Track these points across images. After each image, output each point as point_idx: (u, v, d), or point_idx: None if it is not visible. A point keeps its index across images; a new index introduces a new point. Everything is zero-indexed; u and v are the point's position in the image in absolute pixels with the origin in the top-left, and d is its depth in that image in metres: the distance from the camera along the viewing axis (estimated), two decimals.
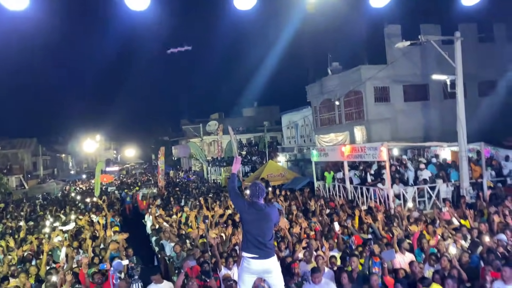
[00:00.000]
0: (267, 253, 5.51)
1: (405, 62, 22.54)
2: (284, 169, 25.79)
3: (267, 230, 5.58)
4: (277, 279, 5.67)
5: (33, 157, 56.56)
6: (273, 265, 5.59)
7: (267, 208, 5.67)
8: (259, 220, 5.52)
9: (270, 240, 5.60)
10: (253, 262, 5.44)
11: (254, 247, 5.44)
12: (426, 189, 16.01)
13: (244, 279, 5.64)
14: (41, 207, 23.89)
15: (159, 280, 7.92)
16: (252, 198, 5.66)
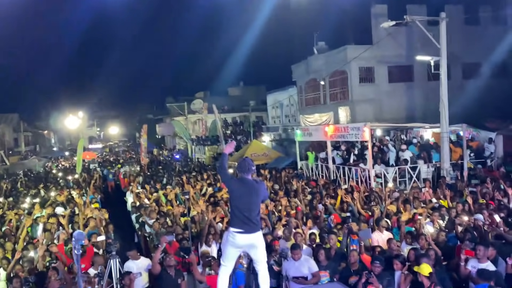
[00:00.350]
0: (253, 228, 5.54)
1: (391, 42, 22.47)
2: (268, 148, 25.79)
3: (254, 205, 5.60)
4: (261, 254, 5.71)
5: (15, 133, 55.68)
6: (258, 239, 5.61)
7: (255, 184, 5.68)
8: (247, 195, 5.54)
9: (257, 216, 5.64)
10: (238, 236, 5.48)
11: (241, 222, 5.48)
12: (407, 169, 16.17)
13: (228, 252, 5.67)
14: (21, 184, 23.59)
15: (135, 256, 7.88)
16: (241, 174, 5.67)
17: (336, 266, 7.86)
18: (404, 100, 23.39)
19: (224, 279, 5.66)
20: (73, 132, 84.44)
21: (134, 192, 15.41)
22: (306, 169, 20.20)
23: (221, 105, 50.30)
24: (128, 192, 16.97)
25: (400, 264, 7.21)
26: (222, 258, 5.78)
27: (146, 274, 7.80)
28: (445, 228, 9.21)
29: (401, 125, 18.63)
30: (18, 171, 35.09)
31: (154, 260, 7.46)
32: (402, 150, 16.83)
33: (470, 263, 7.21)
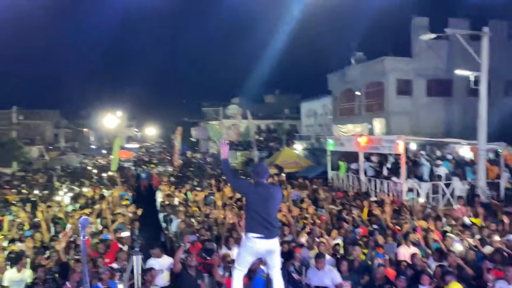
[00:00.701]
0: (273, 232, 5.42)
1: (431, 56, 22.07)
2: (299, 156, 25.65)
3: (272, 210, 5.50)
4: (277, 259, 5.62)
5: (55, 129, 57.44)
6: (276, 245, 5.52)
7: (272, 188, 5.60)
8: (265, 199, 5.42)
9: (275, 219, 5.54)
10: (258, 242, 5.33)
11: (261, 226, 5.33)
12: (441, 185, 15.73)
13: (244, 257, 5.54)
14: (58, 178, 24.26)
15: (158, 255, 7.95)
16: (257, 178, 5.58)
17: (358, 278, 7.73)
18: (442, 115, 22.86)
19: (239, 282, 5.58)
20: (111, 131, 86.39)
21: (163, 191, 15.59)
22: (337, 179, 19.94)
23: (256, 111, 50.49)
24: (158, 191, 17.18)
25: (428, 280, 7.02)
26: (237, 262, 5.67)
27: (167, 273, 7.86)
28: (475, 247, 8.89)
29: (437, 140, 18.16)
30: (56, 166, 36.18)
31: (176, 258, 7.52)
32: (437, 166, 16.38)
33: (498, 284, 6.96)
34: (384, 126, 23.06)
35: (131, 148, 64.77)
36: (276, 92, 63.74)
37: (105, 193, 15.47)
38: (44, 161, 45.21)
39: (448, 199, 15.42)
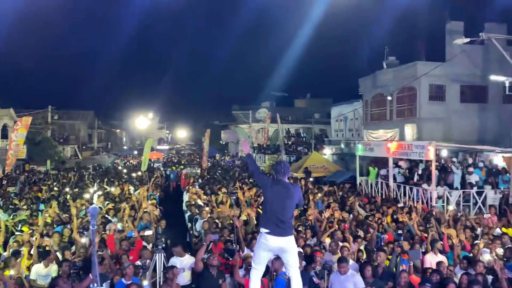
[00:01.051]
0: (285, 230, 5.42)
1: (465, 61, 21.55)
2: (328, 161, 25.44)
3: (288, 208, 5.50)
4: (292, 258, 5.58)
5: (89, 130, 58.67)
6: (289, 243, 5.49)
7: (291, 187, 5.59)
8: (282, 197, 5.45)
9: (290, 219, 5.52)
10: (270, 238, 5.37)
11: (273, 224, 5.38)
12: (472, 193, 15.34)
13: (259, 255, 5.57)
14: (88, 177, 24.79)
15: (180, 253, 7.99)
16: (277, 175, 5.58)
17: (382, 284, 7.57)
18: (476, 122, 22.26)
19: (256, 282, 5.56)
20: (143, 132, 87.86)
21: (191, 192, 15.70)
22: (366, 185, 19.69)
23: (286, 115, 50.40)
24: (185, 192, 17.33)
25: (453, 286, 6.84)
26: (253, 261, 5.68)
27: (189, 273, 7.89)
28: (504, 257, 8.61)
29: (469, 147, 17.70)
30: (88, 166, 37.00)
31: (197, 257, 7.54)
32: (469, 173, 15.97)
33: None
34: (416, 132, 22.60)
35: (162, 150, 65.81)
36: (307, 96, 63.52)
37: (132, 192, 15.66)
38: (77, 160, 46.31)
39: (479, 207, 15.03)
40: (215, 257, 7.73)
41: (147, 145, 29.55)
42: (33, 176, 25.71)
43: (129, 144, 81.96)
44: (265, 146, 37.70)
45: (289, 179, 6.01)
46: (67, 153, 49.38)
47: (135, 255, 8.54)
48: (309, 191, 17.19)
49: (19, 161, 31.64)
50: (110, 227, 9.60)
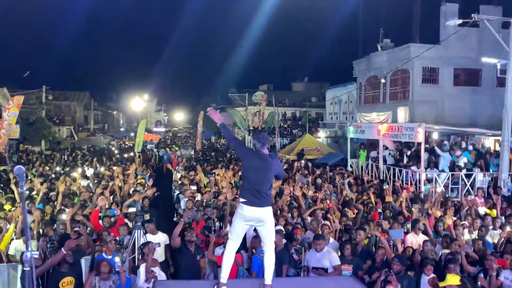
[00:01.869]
0: (263, 201, 5.36)
1: (459, 44, 21.41)
2: (321, 144, 25.45)
3: (266, 179, 5.43)
4: (269, 230, 5.51)
5: (85, 111, 58.53)
6: (267, 215, 5.42)
7: (270, 158, 5.51)
8: (261, 169, 5.36)
9: (268, 190, 5.46)
10: (247, 208, 5.29)
11: (251, 195, 5.30)
12: (461, 176, 15.36)
13: (236, 226, 5.49)
14: (82, 157, 24.78)
15: (153, 231, 8.05)
16: (257, 146, 5.51)
17: (361, 262, 7.61)
18: (469, 105, 22.17)
19: (231, 255, 5.52)
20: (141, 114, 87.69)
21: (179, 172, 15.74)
22: (356, 167, 19.72)
23: (283, 99, 50.24)
24: (175, 172, 17.38)
25: (430, 268, 6.88)
26: (230, 232, 5.65)
27: (162, 250, 7.91)
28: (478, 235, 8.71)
29: (459, 129, 17.67)
30: (83, 146, 36.99)
31: (174, 233, 7.54)
32: (457, 156, 15.98)
33: (504, 273, 6.76)
34: (408, 115, 22.55)
35: (159, 132, 65.69)
36: (305, 80, 63.28)
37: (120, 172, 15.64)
38: (73, 141, 46.29)
39: (468, 190, 15.06)
40: (194, 234, 7.75)
41: (141, 127, 29.44)
42: (27, 156, 25.71)
43: (126, 126, 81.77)
44: (260, 128, 37.58)
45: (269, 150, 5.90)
46: (63, 134, 49.34)
47: (116, 232, 8.56)
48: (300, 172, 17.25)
49: (13, 141, 31.59)
50: (98, 202, 9.63)
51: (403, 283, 6.50)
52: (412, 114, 22.23)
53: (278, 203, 11.07)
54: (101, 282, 6.41)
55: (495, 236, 9.21)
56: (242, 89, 56.77)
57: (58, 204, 9.74)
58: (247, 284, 5.91)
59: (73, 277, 6.46)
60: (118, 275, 6.56)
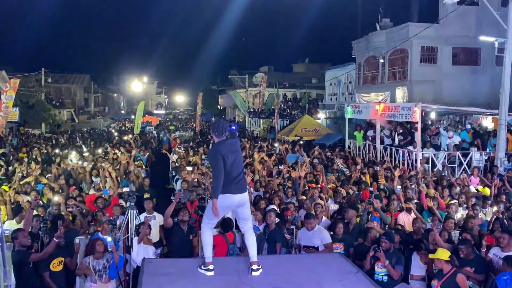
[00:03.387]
0: (243, 186, 5.38)
1: (458, 23, 21.18)
2: (320, 125, 25.42)
3: (240, 163, 5.41)
4: (247, 211, 5.56)
5: (86, 93, 58.40)
6: (246, 197, 5.47)
7: (234, 142, 5.35)
8: (235, 157, 5.26)
9: (243, 174, 5.46)
10: (232, 197, 5.24)
11: (234, 186, 5.24)
12: (457, 155, 15.39)
13: (219, 213, 5.50)
14: (81, 139, 24.89)
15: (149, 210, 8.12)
16: (219, 137, 5.27)
17: (352, 240, 7.70)
18: (467, 85, 22.02)
19: (209, 234, 5.56)
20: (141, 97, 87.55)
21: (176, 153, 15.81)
22: (354, 147, 19.73)
23: (284, 80, 49.99)
24: (172, 154, 17.45)
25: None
26: (206, 216, 5.59)
27: (157, 230, 8.01)
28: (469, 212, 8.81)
29: (456, 109, 17.62)
30: (84, 129, 37.05)
31: (166, 213, 7.61)
32: (449, 138, 16.00)
33: (493, 250, 6.83)
34: (406, 95, 22.46)
35: (159, 114, 65.72)
36: (306, 61, 62.91)
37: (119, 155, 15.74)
38: (73, 124, 46.34)
39: (464, 169, 15.10)
40: (186, 213, 7.83)
41: (140, 109, 29.56)
42: (27, 139, 25.81)
43: (126, 109, 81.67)
44: (260, 110, 37.54)
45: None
46: (64, 116, 49.32)
47: (110, 212, 8.65)
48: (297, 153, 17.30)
49: (13, 124, 31.65)
50: (95, 185, 9.73)
51: (392, 260, 6.58)
52: (410, 94, 22.13)
53: (272, 184, 11.18)
54: (95, 261, 6.54)
55: (488, 214, 9.28)
56: (243, 71, 56.49)
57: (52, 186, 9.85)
58: (234, 261, 5.98)
59: (63, 257, 6.57)
60: (111, 254, 6.68)
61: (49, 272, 6.45)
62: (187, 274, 5.31)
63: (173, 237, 7.66)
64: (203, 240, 5.52)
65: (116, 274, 6.72)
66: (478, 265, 6.48)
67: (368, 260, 6.73)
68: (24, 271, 6.07)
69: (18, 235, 6.24)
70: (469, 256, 6.54)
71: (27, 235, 6.37)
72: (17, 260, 6.03)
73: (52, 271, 6.45)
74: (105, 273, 6.47)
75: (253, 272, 5.26)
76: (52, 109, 38.56)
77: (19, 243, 6.24)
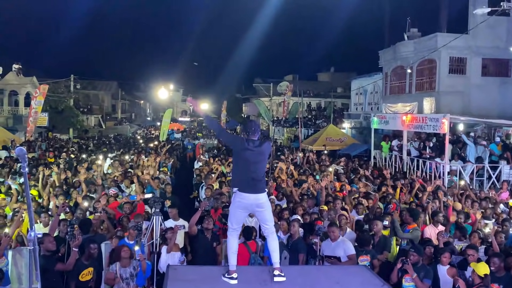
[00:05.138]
0: (259, 188, 5.35)
1: (488, 33, 20.87)
2: (344, 134, 25.22)
3: (261, 165, 5.42)
4: (267, 214, 5.53)
5: (113, 100, 59.48)
6: (264, 200, 5.42)
7: (262, 145, 5.41)
8: (255, 157, 5.30)
9: (262, 176, 5.45)
10: (245, 196, 5.27)
11: (247, 183, 5.28)
12: (486, 168, 15.05)
13: (235, 214, 5.50)
14: (107, 145, 25.25)
15: (175, 217, 8.16)
16: (248, 134, 5.37)
17: (376, 253, 7.58)
18: (497, 96, 21.62)
19: (234, 242, 5.56)
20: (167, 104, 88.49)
21: (201, 161, 15.89)
22: (380, 158, 19.50)
23: (308, 89, 49.92)
24: (196, 161, 17.55)
25: (447, 259, 6.82)
26: (230, 221, 5.63)
27: (182, 237, 8.04)
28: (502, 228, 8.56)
29: (485, 121, 17.27)
30: (110, 135, 37.63)
31: (191, 221, 7.65)
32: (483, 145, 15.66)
33: None
34: (434, 106, 22.14)
35: (184, 121, 66.29)
36: (331, 70, 62.75)
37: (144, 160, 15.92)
38: (100, 129, 47.16)
39: (493, 182, 14.75)
40: (211, 221, 7.85)
41: (166, 116, 29.88)
42: (55, 144, 26.33)
43: (152, 115, 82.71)
44: (284, 119, 37.50)
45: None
46: (91, 122, 50.26)
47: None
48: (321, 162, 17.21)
49: (42, 129, 32.39)
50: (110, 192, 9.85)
51: (420, 273, 6.45)
52: (438, 105, 21.82)
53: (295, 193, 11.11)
54: (122, 269, 6.55)
55: None
56: (267, 79, 56.64)
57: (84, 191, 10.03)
58: (256, 270, 5.96)
59: (92, 267, 6.62)
60: (138, 261, 6.71)
61: (75, 282, 6.46)
62: (210, 281, 5.31)
63: (197, 245, 7.68)
64: (228, 248, 5.53)
65: (144, 281, 6.75)
66: (507, 284, 6.28)
67: (395, 273, 6.61)
68: (49, 276, 6.13)
69: (44, 240, 6.31)
70: (500, 272, 6.36)
71: (52, 239, 6.44)
72: (42, 264, 6.11)
73: (80, 281, 6.47)
74: (132, 281, 6.48)
75: (275, 278, 5.24)
76: (80, 115, 39.35)
77: (44, 248, 6.30)
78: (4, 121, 30.99)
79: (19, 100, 34.03)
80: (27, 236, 3.27)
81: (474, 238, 7.68)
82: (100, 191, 10.28)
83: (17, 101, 34.50)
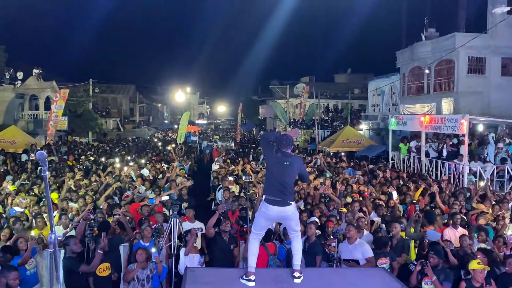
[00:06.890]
0: (286, 200, 5.43)
1: (508, 32, 20.56)
2: (362, 136, 25.04)
3: (288, 177, 5.49)
4: (294, 224, 5.60)
5: (131, 103, 60.02)
6: (290, 211, 5.50)
7: (292, 157, 5.56)
8: (283, 166, 5.42)
9: (291, 188, 5.53)
10: (271, 208, 5.38)
11: (276, 191, 5.38)
12: (507, 169, 14.82)
13: (259, 222, 5.59)
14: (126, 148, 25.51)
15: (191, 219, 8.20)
16: (280, 147, 5.50)
17: (394, 255, 7.51)
18: None
19: (255, 245, 5.61)
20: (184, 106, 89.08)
21: (218, 163, 15.94)
22: (398, 159, 19.33)
23: (325, 91, 49.74)
24: (214, 164, 17.62)
25: None
26: (253, 226, 5.70)
27: (198, 240, 8.09)
28: None
29: (505, 121, 16.99)
30: (129, 138, 37.99)
31: (209, 224, 7.68)
32: (499, 148, 15.42)
33: None
34: (453, 106, 21.86)
35: (201, 124, 66.66)
36: (348, 71, 62.44)
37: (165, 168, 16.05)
38: (118, 133, 47.65)
39: None
40: (228, 224, 7.88)
41: (184, 119, 30.01)
42: (75, 147, 26.69)
43: (170, 118, 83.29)
44: (301, 121, 37.42)
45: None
46: (110, 126, 50.81)
47: (154, 221, 8.80)
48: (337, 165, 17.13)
49: (62, 133, 32.85)
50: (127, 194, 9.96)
51: (440, 276, 6.37)
52: (457, 105, 21.55)
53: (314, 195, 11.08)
54: (139, 270, 6.63)
55: None
56: (284, 81, 56.59)
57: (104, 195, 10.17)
58: (276, 273, 5.97)
59: (109, 263, 6.71)
60: (155, 264, 6.78)
61: (93, 277, 6.59)
62: (228, 283, 5.34)
63: (215, 247, 7.71)
64: (249, 250, 5.59)
65: (158, 284, 6.82)
66: None
67: (414, 276, 6.55)
68: (73, 278, 6.24)
69: (70, 242, 6.40)
70: None
71: (78, 242, 6.53)
72: (67, 266, 6.22)
73: (98, 275, 6.58)
74: (147, 283, 6.56)
75: (295, 279, 5.31)
76: (98, 118, 39.81)
77: (70, 250, 6.40)
78: (25, 125, 31.50)
79: (39, 104, 34.56)
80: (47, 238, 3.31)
81: (499, 243, 7.55)
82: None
83: (37, 105, 35.04)
